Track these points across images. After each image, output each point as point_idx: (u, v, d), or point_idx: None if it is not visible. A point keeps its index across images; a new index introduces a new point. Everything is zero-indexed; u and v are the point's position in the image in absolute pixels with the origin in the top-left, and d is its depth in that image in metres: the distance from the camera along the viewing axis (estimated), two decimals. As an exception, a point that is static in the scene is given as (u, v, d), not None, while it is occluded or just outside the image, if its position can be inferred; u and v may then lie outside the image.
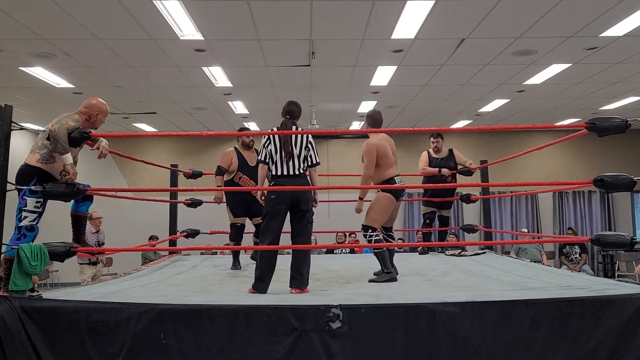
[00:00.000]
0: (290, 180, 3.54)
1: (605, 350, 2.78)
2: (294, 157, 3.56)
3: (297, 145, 3.58)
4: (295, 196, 3.50)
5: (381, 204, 4.12)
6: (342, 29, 5.64)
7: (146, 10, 5.02)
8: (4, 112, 3.07)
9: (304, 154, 3.60)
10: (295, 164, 3.56)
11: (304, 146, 3.60)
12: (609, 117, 3.30)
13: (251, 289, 3.39)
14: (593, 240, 3.26)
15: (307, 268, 3.49)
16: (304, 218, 3.55)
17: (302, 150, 3.59)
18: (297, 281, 3.41)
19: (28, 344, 2.73)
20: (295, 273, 3.43)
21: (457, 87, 8.15)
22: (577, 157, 12.08)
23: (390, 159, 4.14)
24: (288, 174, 3.55)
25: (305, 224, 3.57)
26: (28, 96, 8.29)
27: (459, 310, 2.79)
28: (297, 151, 3.57)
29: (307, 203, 3.55)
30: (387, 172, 4.11)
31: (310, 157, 3.64)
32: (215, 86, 7.90)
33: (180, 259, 5.71)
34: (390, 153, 4.16)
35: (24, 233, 3.20)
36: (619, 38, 5.92)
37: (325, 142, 12.40)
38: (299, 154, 3.58)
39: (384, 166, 4.10)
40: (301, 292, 3.39)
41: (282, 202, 3.50)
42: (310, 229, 3.61)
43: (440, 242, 6.25)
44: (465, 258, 5.54)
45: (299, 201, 3.51)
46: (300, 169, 3.57)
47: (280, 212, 3.51)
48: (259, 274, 3.40)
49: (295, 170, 3.56)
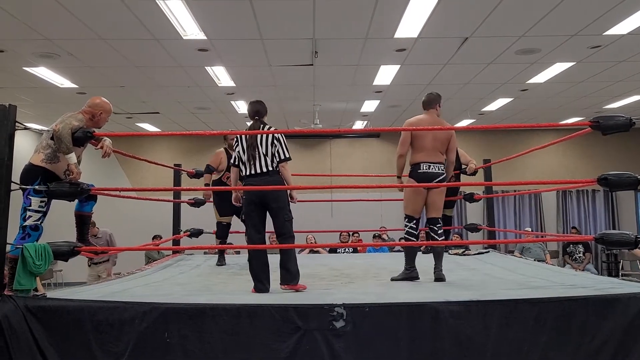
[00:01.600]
0: (258, 179, 3.52)
1: (609, 349, 2.77)
2: (260, 156, 3.54)
3: (262, 144, 3.55)
4: (262, 195, 3.48)
5: (407, 189, 4.03)
6: (345, 28, 5.64)
7: (149, 10, 5.03)
8: (8, 112, 3.07)
9: (271, 151, 3.55)
10: (262, 162, 3.53)
11: (270, 142, 3.56)
12: (613, 116, 3.30)
13: (253, 290, 3.41)
14: (597, 239, 3.26)
15: (294, 264, 3.45)
16: (279, 216, 3.51)
17: (269, 148, 3.55)
18: (286, 278, 3.41)
19: (33, 343, 2.74)
20: (283, 270, 3.43)
21: (460, 86, 8.14)
22: (581, 156, 12.05)
23: (424, 143, 3.90)
24: (255, 173, 3.54)
25: (282, 222, 3.51)
26: (32, 96, 8.31)
27: (462, 309, 2.78)
28: (262, 149, 3.54)
29: (277, 201, 3.50)
30: (415, 156, 3.96)
31: (278, 152, 3.57)
32: (218, 86, 7.90)
33: (183, 259, 5.72)
34: (429, 137, 3.90)
35: (28, 232, 3.21)
36: (623, 36, 5.90)
37: (328, 141, 12.39)
38: (266, 152, 3.54)
39: (415, 149, 3.95)
40: (292, 287, 3.37)
41: (252, 202, 3.51)
42: (289, 227, 3.53)
43: (443, 241, 6.23)
44: (468, 257, 5.53)
45: (267, 199, 3.49)
46: (268, 166, 3.54)
47: (252, 211, 3.52)
48: (254, 275, 3.43)
49: (262, 168, 3.53)
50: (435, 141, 3.94)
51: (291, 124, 10.93)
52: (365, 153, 12.36)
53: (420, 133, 3.90)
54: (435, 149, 3.95)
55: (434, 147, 3.94)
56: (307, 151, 12.25)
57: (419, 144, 3.92)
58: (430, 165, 3.92)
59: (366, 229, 9.25)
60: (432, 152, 3.93)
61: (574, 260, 9.89)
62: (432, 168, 3.93)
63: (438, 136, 3.94)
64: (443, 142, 3.98)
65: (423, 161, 3.92)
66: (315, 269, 4.69)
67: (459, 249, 5.85)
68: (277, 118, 10.63)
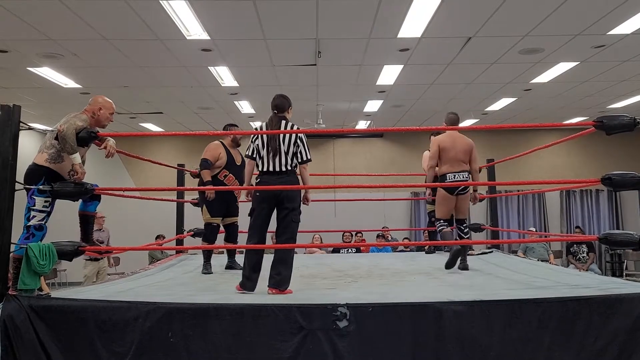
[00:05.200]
0: (276, 177, 3.39)
1: (613, 349, 2.76)
2: (281, 153, 3.40)
3: (285, 141, 3.42)
4: (279, 194, 3.35)
5: (438, 196, 4.68)
6: (348, 28, 5.64)
7: (153, 10, 5.04)
8: (13, 112, 3.08)
9: (293, 150, 3.43)
10: (282, 161, 3.40)
11: (293, 142, 3.44)
12: (617, 115, 3.29)
13: (238, 287, 3.33)
14: (601, 239, 3.24)
15: (288, 268, 3.32)
16: (287, 217, 3.38)
17: (291, 147, 3.43)
18: (274, 281, 3.26)
19: (37, 342, 2.75)
20: (274, 272, 3.29)
21: (463, 86, 8.13)
22: (584, 156, 12.01)
23: (449, 156, 4.53)
24: (274, 171, 3.40)
25: (289, 222, 3.38)
26: (36, 96, 8.34)
27: (466, 309, 2.78)
28: (285, 147, 3.41)
29: (292, 201, 3.38)
30: (441, 169, 4.60)
31: (300, 153, 3.46)
32: (222, 86, 7.91)
33: (187, 258, 5.73)
34: (453, 151, 4.53)
35: (32, 232, 3.22)
36: (627, 36, 5.88)
37: (331, 141, 12.39)
38: (287, 150, 3.41)
39: (441, 161, 4.59)
40: (278, 292, 3.23)
41: (266, 200, 3.39)
42: (295, 228, 3.41)
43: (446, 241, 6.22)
44: (472, 257, 5.51)
45: (283, 199, 3.36)
46: (287, 165, 3.41)
47: (264, 209, 3.39)
48: (246, 273, 3.35)
49: (282, 166, 3.40)
50: (459, 153, 4.55)
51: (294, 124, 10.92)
52: (368, 153, 12.36)
53: (447, 146, 4.54)
54: (459, 159, 4.56)
55: (457, 159, 4.56)
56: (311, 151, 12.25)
57: (443, 156, 4.57)
58: (454, 175, 4.53)
59: (369, 228, 9.27)
60: (455, 163, 4.56)
61: (578, 260, 9.85)
62: (456, 177, 4.53)
63: (461, 149, 4.58)
64: (465, 153, 4.59)
65: (448, 172, 4.54)
66: (318, 269, 4.70)
67: (462, 249, 5.83)
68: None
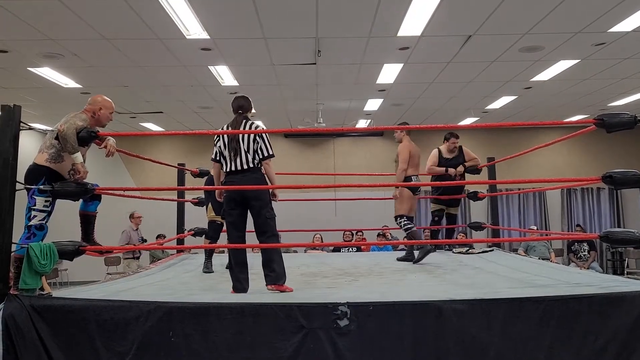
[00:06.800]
0: (240, 176, 3.44)
1: (614, 347, 2.76)
2: (241, 152, 3.46)
3: (244, 139, 3.48)
4: (243, 192, 3.41)
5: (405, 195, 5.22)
6: (348, 26, 5.63)
7: (152, 9, 5.04)
8: (13, 112, 3.08)
9: (253, 147, 3.47)
10: (243, 159, 3.46)
11: (253, 139, 3.48)
12: (618, 113, 3.29)
13: (232, 291, 3.38)
14: (602, 237, 3.24)
15: (279, 264, 3.37)
16: (260, 215, 3.42)
17: (251, 144, 3.47)
18: (271, 278, 3.35)
19: (38, 341, 2.75)
20: (268, 271, 3.36)
21: (463, 84, 8.12)
22: (585, 154, 12.00)
23: (415, 161, 5.22)
24: (237, 170, 3.46)
25: (264, 220, 3.42)
26: (36, 96, 8.35)
27: (467, 307, 2.78)
28: (244, 146, 3.46)
29: (258, 199, 3.42)
30: (408, 171, 5.19)
31: (261, 149, 3.50)
32: (222, 85, 7.91)
33: (188, 258, 5.74)
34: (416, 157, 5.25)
35: (33, 232, 3.22)
36: (628, 33, 5.87)
37: (331, 140, 12.38)
38: (247, 148, 3.46)
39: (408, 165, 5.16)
40: (278, 287, 3.30)
41: (232, 200, 3.45)
42: (272, 224, 3.45)
43: (447, 240, 6.23)
44: (472, 256, 5.52)
45: (248, 197, 3.42)
46: (249, 163, 3.46)
47: (232, 209, 3.46)
48: (235, 275, 3.40)
49: (243, 165, 3.46)
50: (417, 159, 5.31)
51: (294, 123, 10.92)
52: (368, 152, 12.35)
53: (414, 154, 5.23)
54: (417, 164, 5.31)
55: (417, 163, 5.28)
56: (311, 150, 12.26)
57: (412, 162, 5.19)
58: (417, 176, 5.33)
59: (370, 227, 9.27)
60: (417, 166, 5.30)
61: (579, 258, 9.85)
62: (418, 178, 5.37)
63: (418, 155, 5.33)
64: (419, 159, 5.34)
65: (413, 174, 5.23)
66: (319, 268, 4.70)
67: (463, 248, 5.84)
68: (280, 117, 10.64)
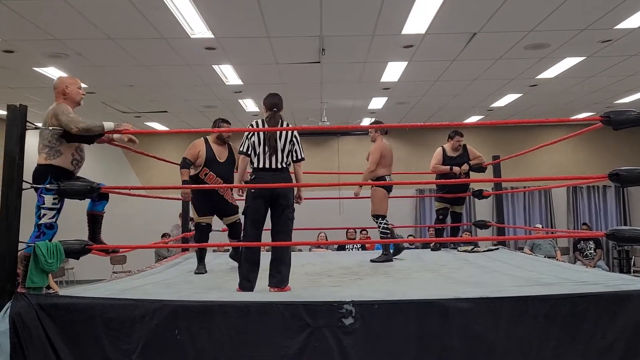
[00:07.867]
0: (272, 174, 3.43)
1: (621, 346, 2.75)
2: (277, 151, 3.45)
3: (281, 138, 3.48)
4: (274, 190, 3.39)
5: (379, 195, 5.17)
6: (352, 25, 5.63)
7: (157, 9, 5.05)
8: (19, 112, 3.10)
9: (289, 147, 3.50)
10: (278, 158, 3.45)
11: (289, 140, 3.50)
12: (625, 110, 3.26)
13: (238, 288, 3.36)
14: (608, 235, 3.23)
15: (287, 267, 3.37)
16: (283, 214, 3.41)
17: (287, 144, 3.49)
18: (276, 280, 3.32)
19: (45, 339, 2.77)
20: (274, 271, 3.34)
21: (468, 82, 8.09)
22: (590, 152, 11.93)
23: (387, 162, 5.19)
24: (270, 168, 3.44)
25: (285, 220, 3.42)
26: (42, 96, 8.37)
27: (472, 306, 2.77)
28: (281, 145, 3.46)
29: (286, 198, 3.41)
30: (380, 171, 5.15)
31: (296, 151, 3.53)
32: (226, 84, 7.92)
33: (192, 256, 5.74)
34: (389, 157, 5.22)
35: (43, 231, 3.23)
36: (634, 30, 5.83)
37: (336, 138, 12.37)
38: (283, 147, 3.47)
39: (380, 165, 5.13)
40: (280, 290, 3.30)
41: (261, 196, 3.40)
42: (291, 226, 3.45)
43: (452, 238, 6.22)
44: (478, 254, 5.51)
45: (278, 195, 3.39)
46: (283, 163, 3.47)
47: (259, 205, 3.41)
48: (244, 273, 3.37)
49: (278, 164, 3.45)
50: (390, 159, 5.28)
51: (299, 122, 10.92)
52: (373, 150, 12.32)
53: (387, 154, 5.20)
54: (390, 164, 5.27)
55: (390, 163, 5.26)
56: (315, 148, 12.25)
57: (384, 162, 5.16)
58: (390, 176, 5.29)
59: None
60: (389, 167, 5.28)
61: (585, 256, 9.81)
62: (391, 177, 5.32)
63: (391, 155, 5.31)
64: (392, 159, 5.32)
65: (386, 174, 5.21)
66: (324, 266, 4.70)
67: (468, 246, 5.82)
68: (285, 115, 10.55)
